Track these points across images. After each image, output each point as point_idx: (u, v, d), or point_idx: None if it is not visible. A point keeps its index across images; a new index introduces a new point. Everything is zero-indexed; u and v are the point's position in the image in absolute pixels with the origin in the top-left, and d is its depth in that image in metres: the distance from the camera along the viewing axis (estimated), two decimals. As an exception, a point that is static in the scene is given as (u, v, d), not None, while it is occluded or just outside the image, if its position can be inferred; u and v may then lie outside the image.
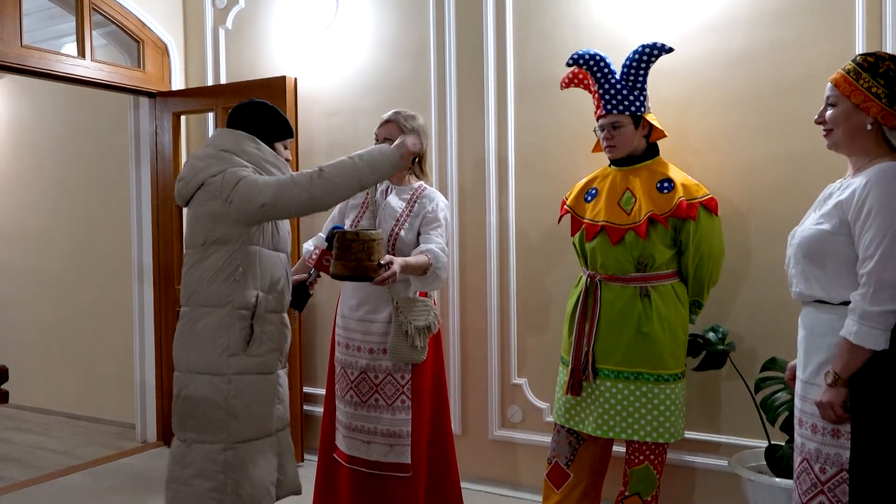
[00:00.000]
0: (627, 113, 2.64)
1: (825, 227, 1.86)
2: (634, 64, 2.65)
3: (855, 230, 1.80)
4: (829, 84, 1.93)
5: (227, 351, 2.32)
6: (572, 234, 2.83)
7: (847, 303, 1.83)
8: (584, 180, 2.88)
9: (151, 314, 4.43)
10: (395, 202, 2.83)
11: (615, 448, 2.93)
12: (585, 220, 2.73)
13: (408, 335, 2.70)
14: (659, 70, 3.08)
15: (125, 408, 4.80)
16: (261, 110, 2.48)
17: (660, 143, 3.06)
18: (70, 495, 3.64)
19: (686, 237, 2.61)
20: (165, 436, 4.41)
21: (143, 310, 4.47)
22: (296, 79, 4.02)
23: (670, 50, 2.67)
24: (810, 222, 1.92)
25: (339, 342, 2.90)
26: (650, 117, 2.69)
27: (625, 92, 2.64)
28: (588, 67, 2.68)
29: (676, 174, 2.68)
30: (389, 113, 2.84)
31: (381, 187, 2.90)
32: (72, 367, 5.33)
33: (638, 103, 2.65)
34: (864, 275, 1.76)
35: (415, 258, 2.67)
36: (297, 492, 2.56)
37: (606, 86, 2.65)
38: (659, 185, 2.63)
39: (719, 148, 2.99)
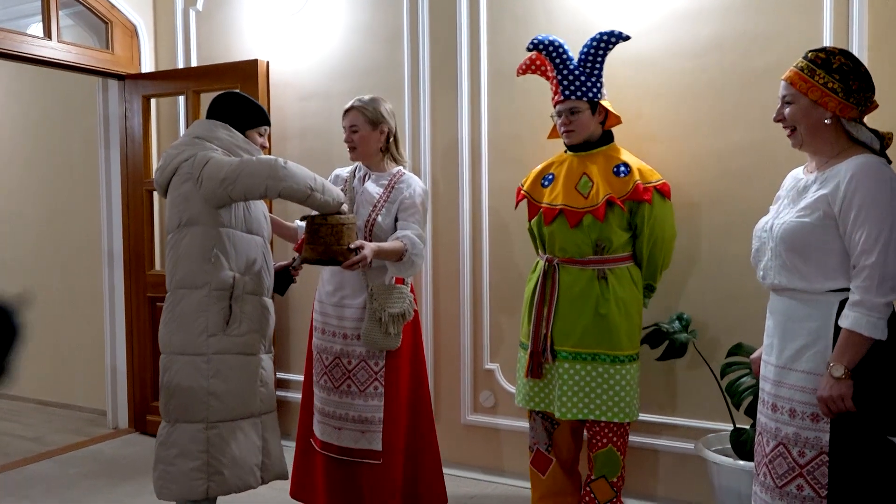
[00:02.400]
0: (585, 99, 2.68)
1: (807, 220, 1.88)
2: (592, 51, 2.69)
3: (844, 224, 1.83)
4: (783, 83, 1.97)
5: (206, 331, 2.38)
6: (529, 219, 2.86)
7: (829, 291, 1.86)
8: (540, 166, 2.91)
9: (122, 299, 4.39)
10: (373, 188, 2.84)
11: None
12: (543, 205, 2.76)
13: (381, 322, 2.70)
14: (629, 58, 3.10)
15: (96, 394, 4.75)
16: (234, 99, 2.57)
17: (632, 130, 3.09)
18: (40, 482, 3.60)
19: (641, 220, 2.66)
20: (137, 422, 4.39)
21: (113, 295, 4.43)
22: (268, 62, 3.98)
23: (627, 38, 2.70)
24: (790, 216, 1.94)
25: (316, 327, 2.92)
26: (606, 103, 2.73)
27: (582, 78, 2.68)
28: (547, 53, 2.71)
29: (632, 159, 2.73)
30: (350, 102, 2.87)
31: (359, 174, 2.91)
32: (42, 353, 5.26)
33: (595, 90, 2.69)
34: (867, 267, 1.79)
35: (389, 244, 2.68)
36: (284, 476, 2.61)
37: (565, 71, 2.68)
38: (615, 169, 2.68)
39: (688, 136, 3.02)
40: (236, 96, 2.58)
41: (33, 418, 4.85)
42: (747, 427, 2.68)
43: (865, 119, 1.97)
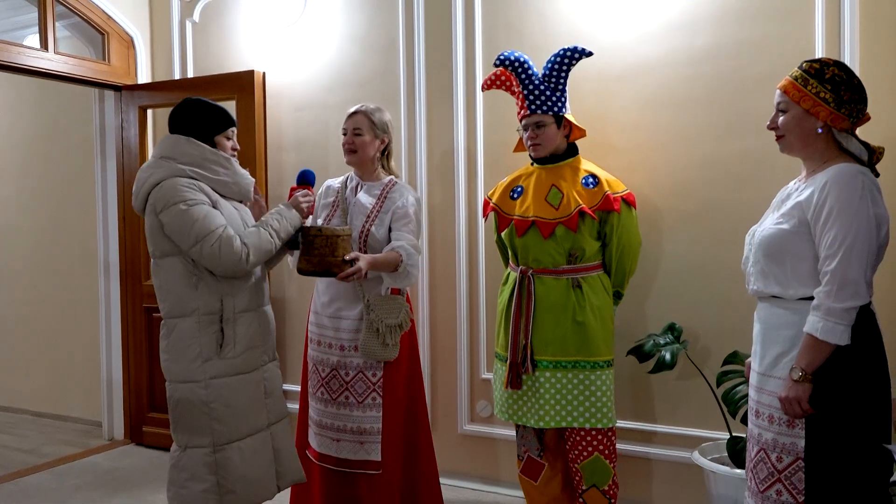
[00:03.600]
0: (550, 113, 2.72)
1: (785, 226, 1.91)
2: (556, 67, 2.74)
3: (815, 230, 1.86)
4: (777, 91, 2.00)
5: (200, 357, 2.37)
6: (499, 231, 2.90)
7: (803, 299, 1.89)
8: (507, 179, 2.95)
9: (118, 310, 4.38)
10: (365, 199, 2.84)
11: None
12: (515, 217, 2.79)
13: (379, 333, 2.71)
14: (623, 68, 3.12)
15: (92, 405, 4.75)
16: (193, 107, 2.46)
17: (625, 139, 3.11)
18: (35, 494, 3.59)
19: (610, 229, 2.73)
20: (133, 433, 4.37)
21: (109, 306, 4.42)
22: (264, 73, 3.99)
23: (590, 54, 2.77)
24: (770, 222, 1.98)
25: (312, 339, 2.91)
26: (570, 117, 2.78)
27: (547, 93, 2.73)
28: (513, 69, 2.76)
29: (598, 171, 2.79)
30: (355, 107, 2.90)
31: (351, 184, 2.92)
32: (37, 363, 5.25)
33: (560, 104, 2.75)
34: (828, 273, 1.81)
35: (384, 255, 2.68)
36: (301, 479, 2.63)
37: (531, 86, 2.74)
38: (584, 181, 2.75)
39: (682, 145, 3.04)
40: (195, 103, 2.48)
41: (29, 430, 4.83)
42: (744, 435, 2.68)
43: (858, 131, 1.99)
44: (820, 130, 1.92)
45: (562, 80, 2.75)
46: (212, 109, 2.47)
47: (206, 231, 2.30)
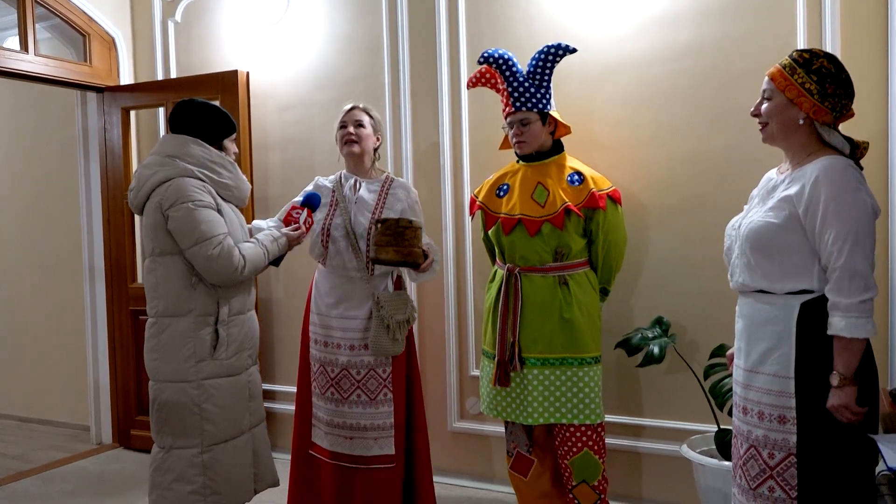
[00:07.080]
0: (535, 110, 2.73)
1: (774, 220, 1.90)
2: (540, 63, 2.75)
3: (810, 226, 1.84)
4: (766, 78, 1.98)
5: (194, 357, 2.39)
6: (486, 230, 2.91)
7: (790, 293, 1.88)
8: (493, 177, 2.95)
9: (104, 314, 4.35)
10: (367, 195, 2.90)
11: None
12: (501, 215, 2.80)
13: (389, 329, 2.79)
14: (608, 64, 3.13)
15: (79, 410, 4.71)
16: (202, 110, 2.51)
17: (610, 135, 3.12)
18: (23, 500, 3.56)
19: (596, 226, 2.74)
20: (121, 437, 4.34)
21: (95, 309, 4.39)
22: (248, 73, 3.97)
23: (574, 50, 2.77)
24: (758, 215, 1.95)
25: (317, 340, 2.93)
26: (555, 114, 2.79)
27: (532, 90, 2.73)
28: (497, 66, 2.76)
29: (583, 168, 2.80)
30: (353, 102, 3.00)
31: (347, 182, 2.96)
32: (23, 368, 5.21)
33: (545, 101, 2.75)
34: (836, 269, 1.80)
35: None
36: (275, 483, 2.66)
37: (515, 83, 2.74)
38: (569, 178, 2.75)
39: (666, 140, 3.05)
40: (203, 105, 2.51)
41: (15, 435, 4.79)
42: (731, 428, 2.70)
43: (842, 126, 1.99)
44: (801, 122, 1.91)
45: (546, 77, 2.75)
46: (220, 112, 2.54)
47: (208, 235, 2.34)
